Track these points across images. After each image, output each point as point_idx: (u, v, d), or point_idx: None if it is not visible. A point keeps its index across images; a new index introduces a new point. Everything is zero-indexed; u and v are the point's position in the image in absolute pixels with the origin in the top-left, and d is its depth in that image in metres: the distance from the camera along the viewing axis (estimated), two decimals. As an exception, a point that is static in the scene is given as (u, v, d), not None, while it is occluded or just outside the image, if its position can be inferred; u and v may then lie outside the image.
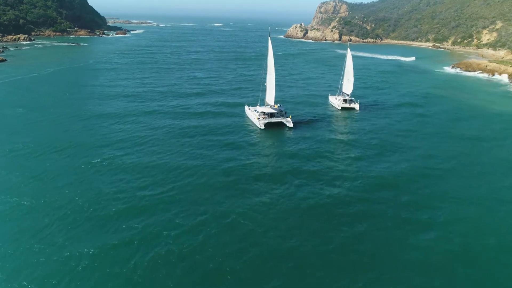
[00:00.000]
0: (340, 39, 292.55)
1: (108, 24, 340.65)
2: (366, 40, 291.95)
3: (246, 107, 76.73)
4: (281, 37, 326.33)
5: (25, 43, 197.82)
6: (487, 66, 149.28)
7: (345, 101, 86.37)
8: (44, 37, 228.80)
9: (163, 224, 36.41)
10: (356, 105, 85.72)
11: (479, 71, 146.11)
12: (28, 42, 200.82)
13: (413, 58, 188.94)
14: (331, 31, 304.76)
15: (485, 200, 43.56)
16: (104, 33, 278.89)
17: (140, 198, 40.97)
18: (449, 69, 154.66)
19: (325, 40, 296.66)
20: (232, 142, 59.92)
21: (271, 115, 70.31)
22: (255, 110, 72.87)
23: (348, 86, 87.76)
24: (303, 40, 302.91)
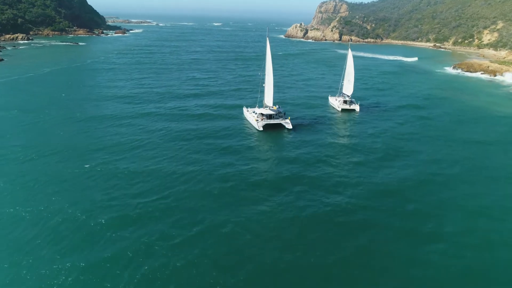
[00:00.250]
0: (340, 39, 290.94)
1: (108, 23, 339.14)
2: (366, 40, 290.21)
3: (245, 109, 75.23)
4: (281, 36, 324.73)
5: (22, 42, 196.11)
6: (488, 67, 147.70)
7: (345, 102, 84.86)
8: (42, 37, 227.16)
9: (157, 235, 34.80)
10: (357, 107, 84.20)
11: (481, 72, 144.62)
12: (26, 42, 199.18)
13: (415, 59, 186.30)
14: (331, 31, 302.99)
15: (493, 208, 41.85)
16: (103, 32, 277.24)
17: (133, 206, 39.36)
18: (450, 70, 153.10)
19: (325, 40, 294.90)
20: (230, 146, 58.31)
21: (269, 116, 68.91)
22: (253, 112, 71.44)
23: (348, 87, 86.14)
24: (303, 40, 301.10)
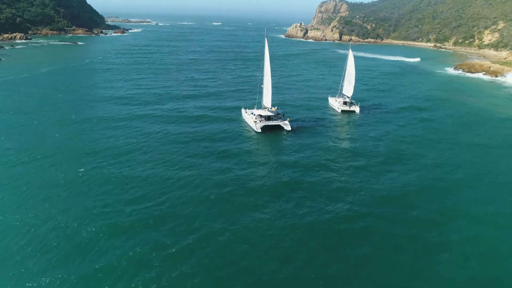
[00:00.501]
0: (340, 39, 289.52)
1: (107, 22, 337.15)
2: (366, 40, 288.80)
3: (243, 110, 74.01)
4: (281, 36, 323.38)
5: (20, 42, 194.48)
6: (490, 68, 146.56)
7: (345, 103, 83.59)
8: (40, 36, 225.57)
9: (151, 244, 33.47)
10: (357, 108, 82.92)
11: (482, 72, 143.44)
12: (24, 41, 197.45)
13: (418, 59, 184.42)
14: (331, 30, 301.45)
15: (498, 215, 40.52)
16: (102, 32, 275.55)
17: (127, 213, 38.00)
18: (451, 70, 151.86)
19: (325, 39, 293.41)
20: (227, 149, 56.94)
21: (268, 118, 67.77)
22: (251, 113, 70.25)
23: (348, 89, 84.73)
24: (303, 39, 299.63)
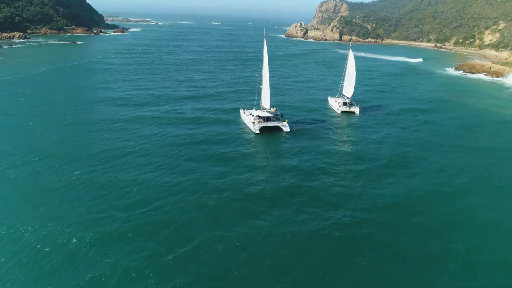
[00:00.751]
0: (340, 39, 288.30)
1: (106, 22, 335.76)
2: (366, 40, 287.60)
3: (242, 111, 72.99)
4: (281, 36, 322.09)
5: (18, 41, 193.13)
6: (491, 68, 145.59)
7: (344, 104, 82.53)
8: (39, 35, 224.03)
9: (146, 252, 32.35)
10: (356, 109, 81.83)
11: (483, 73, 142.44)
12: (22, 40, 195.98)
13: (420, 60, 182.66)
14: (332, 30, 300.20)
15: (503, 222, 39.42)
16: (102, 31, 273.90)
17: (122, 220, 36.85)
18: (452, 71, 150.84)
19: (325, 39, 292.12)
20: (226, 152, 55.80)
21: (266, 119, 66.81)
22: (250, 114, 69.22)
23: (349, 89, 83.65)
24: (303, 39, 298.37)
